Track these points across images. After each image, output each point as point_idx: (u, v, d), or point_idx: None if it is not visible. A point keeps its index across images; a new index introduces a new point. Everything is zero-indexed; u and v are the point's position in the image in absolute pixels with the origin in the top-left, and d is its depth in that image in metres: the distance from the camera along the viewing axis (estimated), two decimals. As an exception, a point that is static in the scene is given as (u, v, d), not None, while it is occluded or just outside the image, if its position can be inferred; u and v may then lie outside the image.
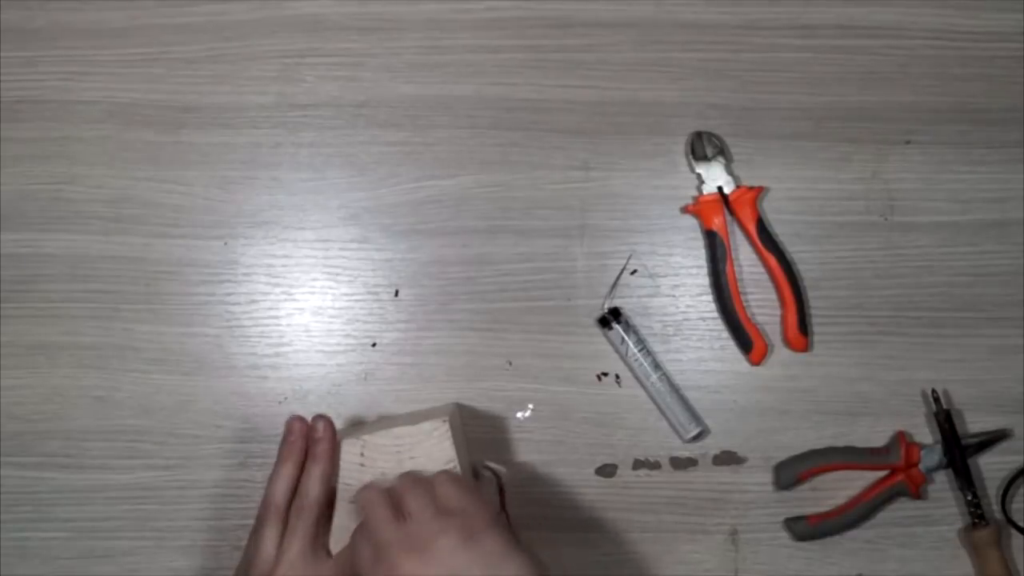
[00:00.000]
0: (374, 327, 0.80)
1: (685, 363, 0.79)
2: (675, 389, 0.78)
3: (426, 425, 0.70)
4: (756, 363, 0.79)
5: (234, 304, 0.80)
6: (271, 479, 0.70)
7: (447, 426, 0.70)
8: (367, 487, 0.67)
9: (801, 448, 0.78)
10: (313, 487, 0.69)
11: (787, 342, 0.79)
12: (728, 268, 0.79)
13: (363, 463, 0.69)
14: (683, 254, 0.80)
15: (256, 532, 0.69)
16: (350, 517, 0.69)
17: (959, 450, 0.77)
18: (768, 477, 0.78)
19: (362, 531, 0.65)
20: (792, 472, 0.77)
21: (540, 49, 0.82)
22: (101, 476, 0.78)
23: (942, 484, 0.78)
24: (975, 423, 0.79)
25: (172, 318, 0.79)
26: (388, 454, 0.69)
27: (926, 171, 0.81)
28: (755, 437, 0.79)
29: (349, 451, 0.70)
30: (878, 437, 0.79)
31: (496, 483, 0.77)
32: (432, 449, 0.69)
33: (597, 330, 0.79)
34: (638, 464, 0.79)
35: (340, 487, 0.70)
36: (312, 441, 0.71)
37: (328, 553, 0.68)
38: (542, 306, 0.80)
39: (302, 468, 0.70)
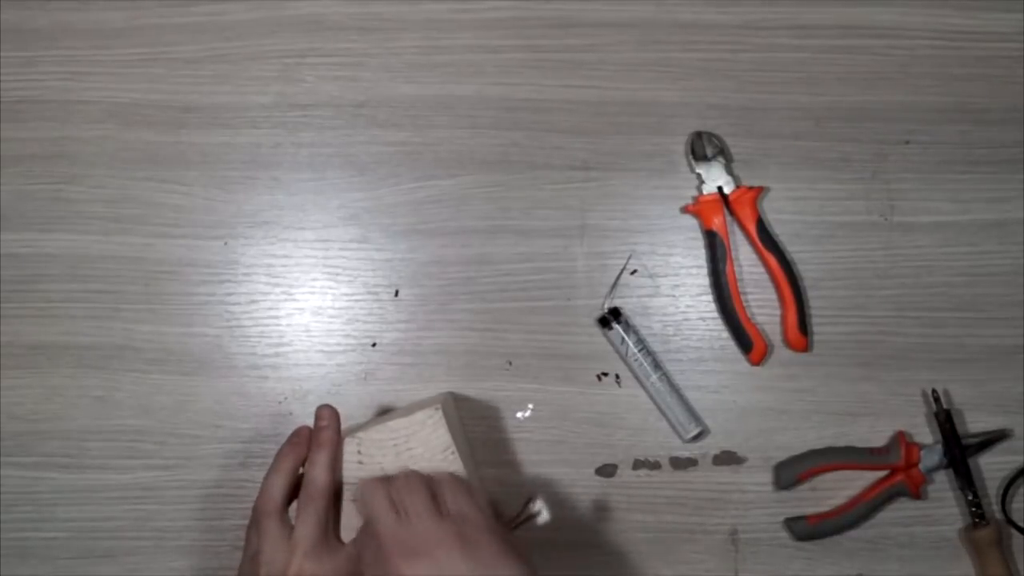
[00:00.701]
0: (374, 327, 0.80)
1: (685, 363, 0.79)
2: (675, 389, 0.78)
3: (419, 415, 0.69)
4: (756, 363, 0.79)
5: (234, 304, 0.80)
6: (269, 474, 0.69)
7: (440, 413, 0.69)
8: (368, 481, 0.67)
9: (801, 448, 0.78)
10: (320, 474, 0.68)
11: (787, 342, 0.79)
12: (728, 268, 0.79)
13: (361, 460, 0.69)
14: (683, 254, 0.80)
15: (257, 528, 0.67)
16: (353, 515, 0.69)
17: (959, 450, 0.77)
18: (768, 477, 0.78)
19: (366, 528, 0.65)
20: (792, 472, 0.77)
21: (540, 49, 0.82)
22: (101, 476, 0.78)
23: (942, 484, 0.78)
24: (975, 423, 0.79)
25: (172, 318, 0.79)
26: (385, 448, 0.69)
27: (926, 171, 0.81)
28: (755, 437, 0.79)
29: (347, 450, 0.70)
30: (878, 437, 0.79)
31: (523, 514, 0.77)
32: (428, 438, 0.69)
33: (597, 330, 0.79)
34: (638, 464, 0.79)
35: (343, 488, 0.70)
36: (316, 429, 0.70)
37: (341, 541, 0.68)
38: (542, 306, 0.80)
39: (301, 466, 0.70)
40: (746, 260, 0.80)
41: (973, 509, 0.76)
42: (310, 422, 0.71)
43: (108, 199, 0.80)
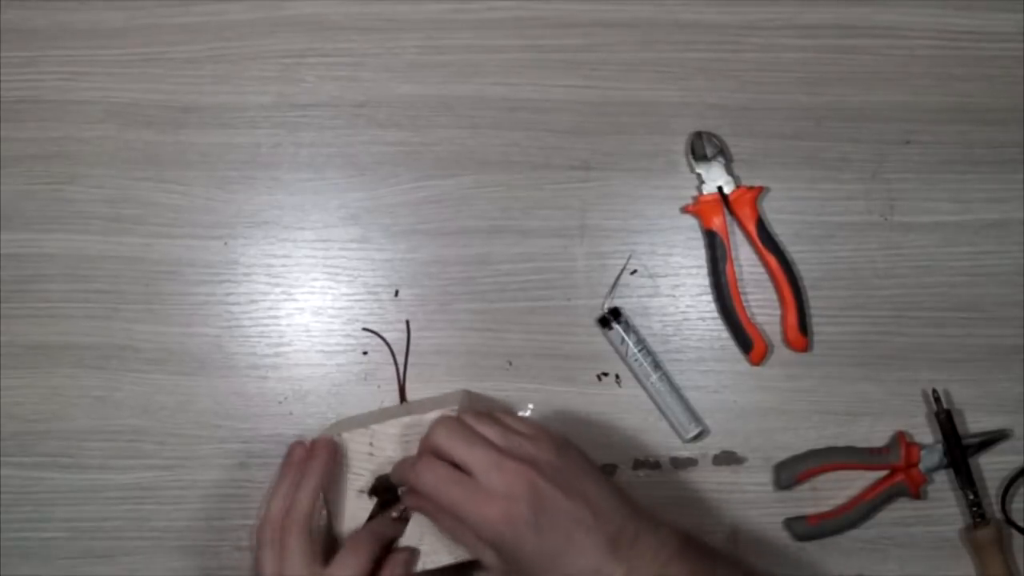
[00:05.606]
0: (374, 327, 0.80)
1: (685, 363, 0.79)
2: (675, 389, 0.78)
3: (434, 415, 0.70)
4: (756, 363, 0.79)
5: (234, 304, 0.80)
6: (269, 497, 0.69)
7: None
8: (407, 462, 0.67)
9: (801, 448, 0.78)
10: (302, 500, 0.68)
11: (787, 342, 0.79)
12: (728, 268, 0.79)
13: (372, 452, 0.70)
14: (683, 254, 0.80)
15: (257, 554, 0.68)
16: (361, 507, 0.69)
17: (960, 450, 0.77)
18: (768, 477, 0.78)
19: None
20: (792, 472, 0.77)
21: (540, 49, 0.82)
22: (101, 476, 0.78)
23: (942, 484, 0.78)
24: (975, 423, 0.79)
25: (172, 318, 0.79)
26: (396, 443, 0.70)
27: (926, 171, 0.81)
28: (755, 437, 0.79)
29: (359, 441, 0.70)
30: (878, 437, 0.79)
31: None
32: None
33: (597, 330, 0.79)
34: (638, 464, 0.79)
35: (350, 477, 0.70)
36: (310, 457, 0.70)
37: (325, 563, 0.66)
38: (542, 306, 0.80)
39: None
40: (746, 260, 0.80)
41: (973, 509, 0.76)
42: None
43: (108, 199, 0.80)
